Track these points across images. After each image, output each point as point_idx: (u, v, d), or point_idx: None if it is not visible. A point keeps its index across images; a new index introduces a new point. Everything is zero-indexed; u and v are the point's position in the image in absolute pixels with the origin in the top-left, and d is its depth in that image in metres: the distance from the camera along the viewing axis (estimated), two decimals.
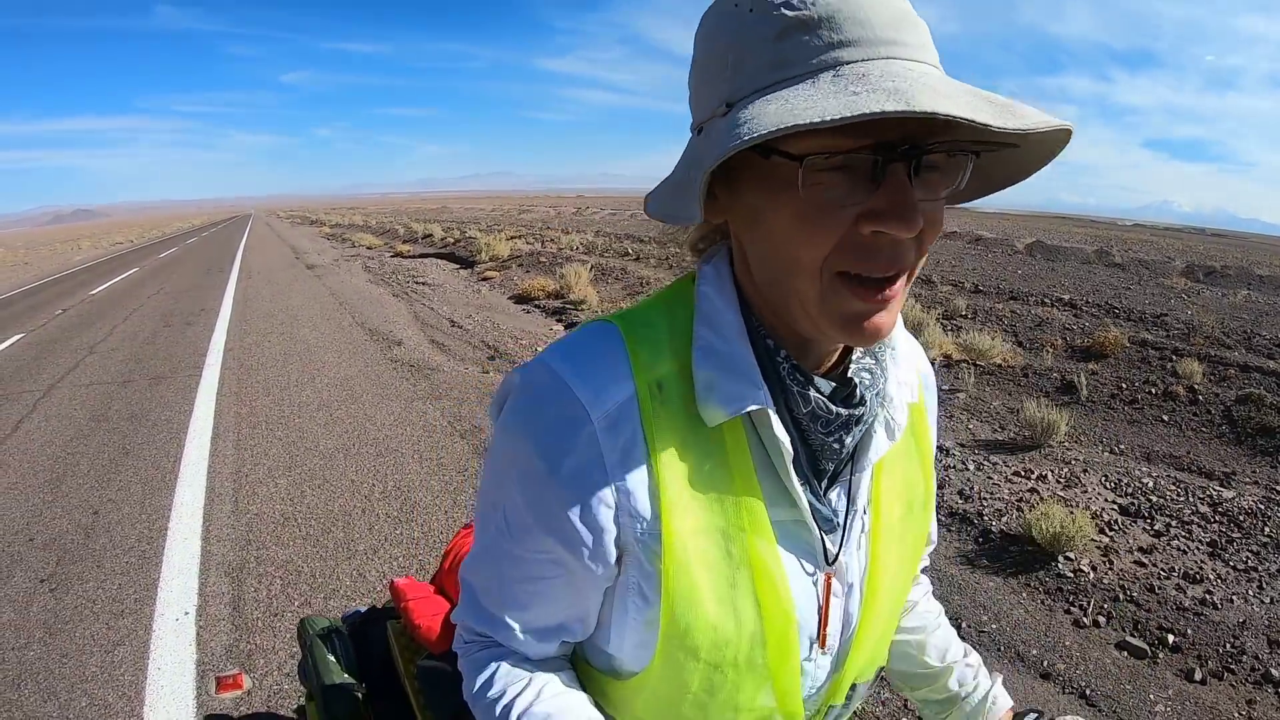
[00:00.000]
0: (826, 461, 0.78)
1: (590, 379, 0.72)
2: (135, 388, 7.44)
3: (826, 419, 0.75)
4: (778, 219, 0.65)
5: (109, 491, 4.82)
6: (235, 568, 3.79)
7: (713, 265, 0.78)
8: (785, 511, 0.76)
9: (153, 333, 10.55)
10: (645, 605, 0.76)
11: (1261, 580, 3.68)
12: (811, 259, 0.64)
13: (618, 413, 0.71)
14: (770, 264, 0.69)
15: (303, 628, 1.48)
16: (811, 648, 0.81)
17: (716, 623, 0.74)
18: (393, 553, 3.91)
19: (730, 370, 0.72)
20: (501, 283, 14.25)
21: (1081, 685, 3.02)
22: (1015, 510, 4.39)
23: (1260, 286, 15.33)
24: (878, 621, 0.86)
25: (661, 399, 0.73)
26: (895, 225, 0.61)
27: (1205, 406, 6.14)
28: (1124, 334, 7.91)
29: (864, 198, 0.62)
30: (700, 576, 0.73)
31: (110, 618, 3.42)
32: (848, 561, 0.82)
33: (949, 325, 8.98)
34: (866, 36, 0.60)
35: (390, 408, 6.42)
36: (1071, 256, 19.40)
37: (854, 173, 0.61)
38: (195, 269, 21.53)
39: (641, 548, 0.73)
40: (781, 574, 0.76)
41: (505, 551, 0.79)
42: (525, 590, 0.80)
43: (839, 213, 0.62)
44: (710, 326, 0.74)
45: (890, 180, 0.61)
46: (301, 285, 15.19)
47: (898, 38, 0.61)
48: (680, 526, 0.72)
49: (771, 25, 0.62)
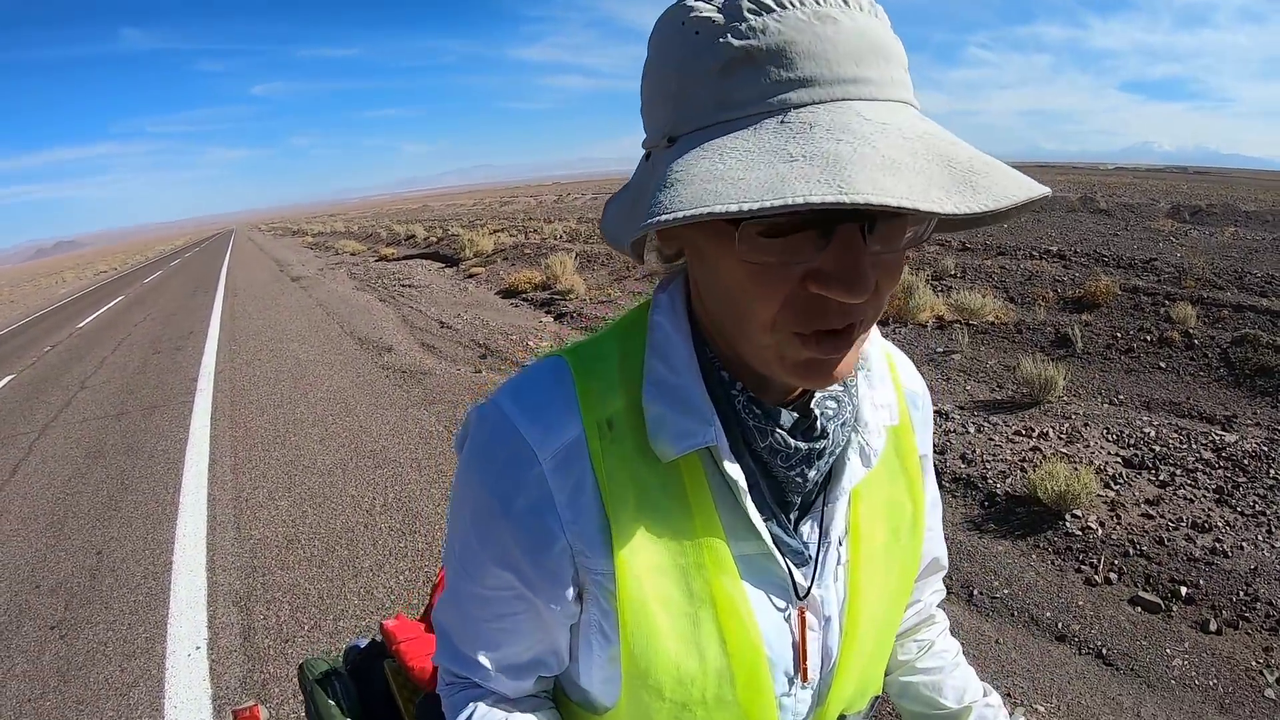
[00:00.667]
0: (793, 494, 0.75)
1: (537, 420, 0.71)
2: (129, 420, 7.41)
3: (786, 453, 0.72)
4: (723, 269, 0.61)
5: (111, 529, 4.79)
6: (243, 596, 3.77)
7: (668, 294, 0.76)
8: (750, 545, 0.74)
9: (143, 361, 10.50)
10: (607, 643, 0.75)
11: (1270, 525, 3.68)
12: (764, 314, 0.60)
13: (565, 453, 0.70)
14: (723, 308, 0.66)
15: (303, 672, 1.46)
16: (791, 683, 0.78)
17: (678, 661, 0.72)
18: (398, 567, 3.90)
19: (681, 405, 0.70)
20: (488, 278, 14.21)
21: (1097, 645, 3.02)
22: (1019, 471, 4.38)
23: (1246, 222, 15.35)
24: (861, 653, 0.83)
25: (612, 437, 0.71)
26: (841, 291, 0.56)
27: (1201, 350, 6.13)
28: (1115, 282, 7.89)
29: (812, 256, 0.57)
30: (658, 616, 0.72)
31: (122, 659, 3.39)
32: (822, 595, 0.79)
33: (939, 286, 8.96)
34: (822, 75, 0.54)
35: (385, 417, 6.40)
36: (1056, 206, 19.38)
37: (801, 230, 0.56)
38: (180, 291, 21.43)
39: (598, 587, 0.72)
40: (748, 610, 0.74)
41: (468, 592, 0.78)
42: (493, 629, 0.79)
43: (784, 271, 0.58)
44: (662, 358, 0.72)
45: (839, 239, 0.56)
46: (288, 298, 15.13)
47: (859, 74, 0.55)
48: (634, 565, 0.70)
49: (716, 56, 0.56)
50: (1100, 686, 2.81)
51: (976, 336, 7.22)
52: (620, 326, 0.79)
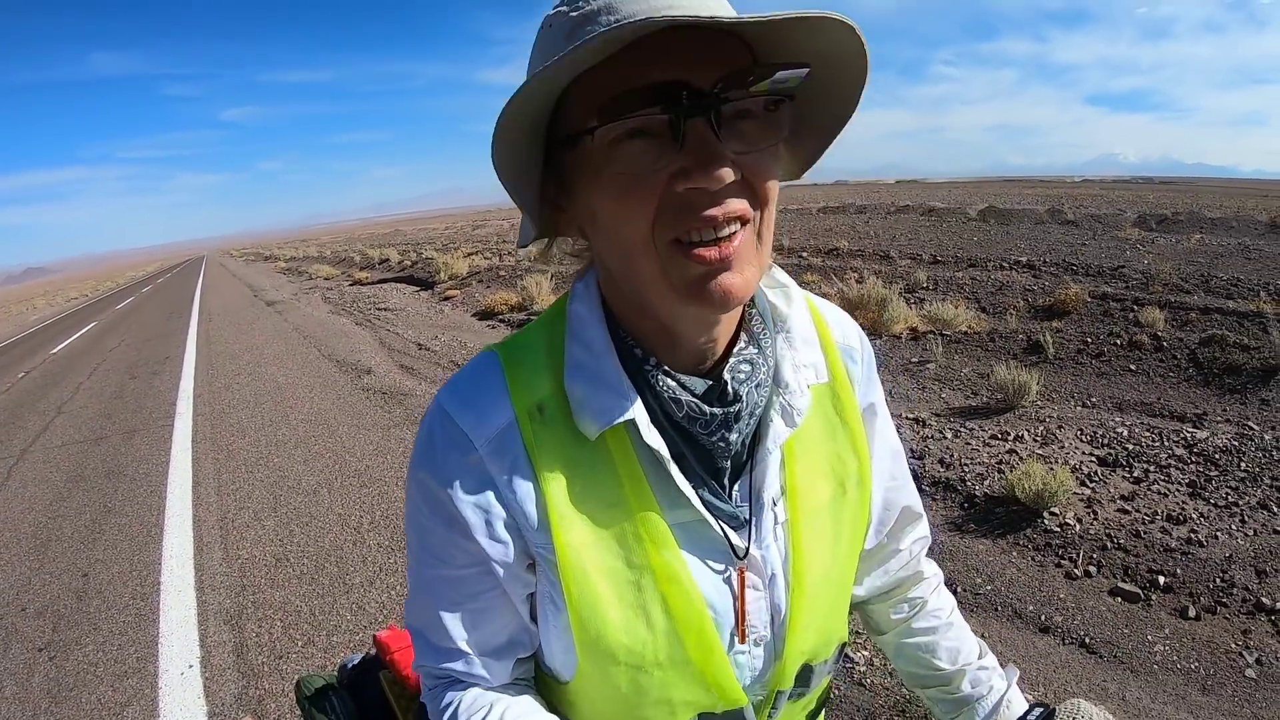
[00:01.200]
0: (720, 460, 0.79)
1: (471, 409, 0.77)
2: (109, 444, 7.35)
3: (705, 420, 0.76)
4: (602, 204, 0.67)
5: (96, 552, 4.76)
6: (234, 615, 3.76)
7: (583, 282, 0.81)
8: (684, 514, 0.78)
9: (120, 386, 10.41)
10: (558, 612, 0.79)
11: (1243, 514, 3.78)
12: (640, 231, 0.65)
13: (499, 438, 0.76)
14: (613, 252, 0.71)
15: (299, 689, 1.48)
16: (733, 641, 0.81)
17: (625, 627, 0.76)
18: (389, 582, 3.91)
19: (599, 383, 0.75)
20: (463, 300, 14.21)
21: (1080, 635, 3.09)
22: (996, 472, 4.47)
23: (1212, 229, 15.65)
24: (812, 608, 0.85)
25: (542, 420, 0.76)
26: (702, 177, 0.62)
27: (1171, 352, 6.27)
28: (1084, 289, 8.05)
29: (671, 159, 0.63)
30: (601, 585, 0.76)
31: (114, 679, 3.38)
32: (763, 554, 0.82)
33: (912, 298, 9.08)
34: (641, 8, 0.62)
35: (368, 437, 6.40)
36: (1025, 218, 19.67)
37: (656, 137, 0.63)
38: (155, 317, 21.25)
39: (543, 560, 0.78)
40: (688, 574, 0.77)
41: (438, 576, 0.82)
42: (468, 610, 0.82)
43: (650, 178, 0.64)
44: (580, 342, 0.78)
45: (691, 136, 0.62)
46: (264, 323, 15.05)
47: (674, 2, 0.62)
48: (572, 539, 0.75)
49: (564, 28, 0.66)
50: (1085, 674, 2.88)
51: (950, 346, 7.33)
52: (545, 317, 0.84)
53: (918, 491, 1.03)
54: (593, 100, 0.64)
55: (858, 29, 0.62)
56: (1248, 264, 10.43)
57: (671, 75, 0.61)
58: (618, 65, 0.61)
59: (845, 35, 0.63)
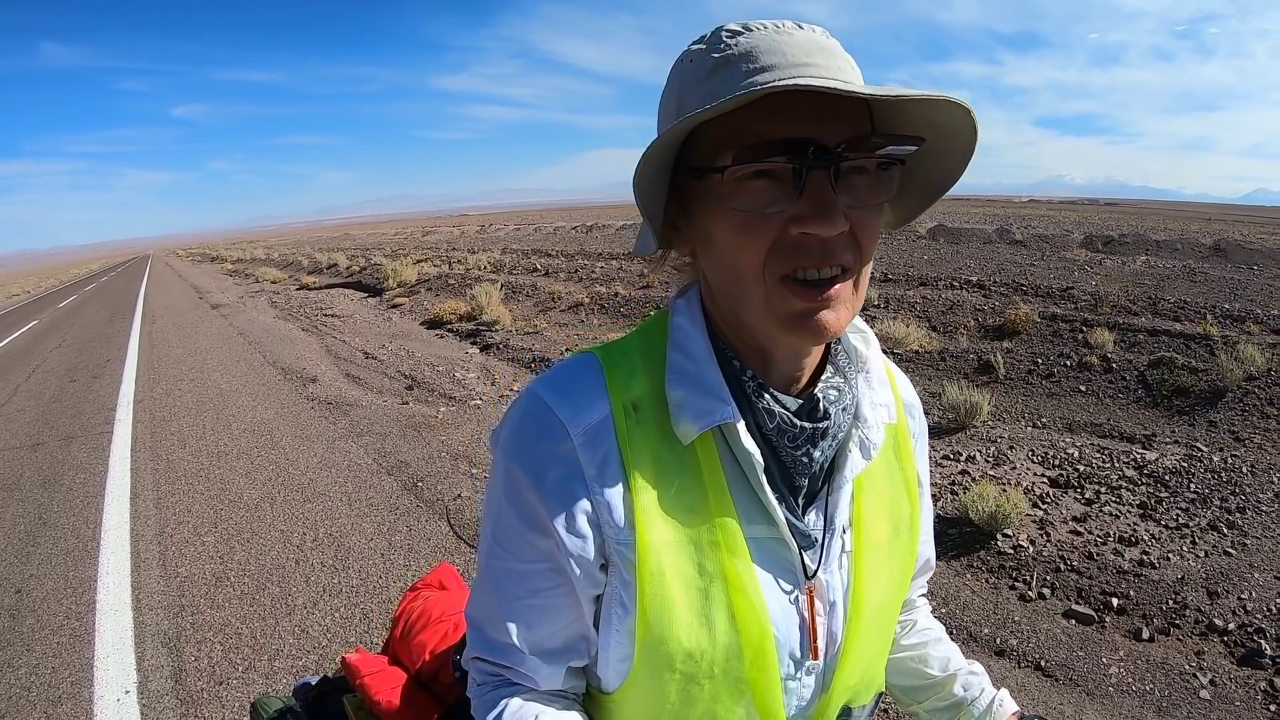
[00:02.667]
0: (800, 477, 0.82)
1: (569, 400, 0.79)
2: (46, 450, 7.07)
3: (793, 433, 0.80)
4: (720, 232, 0.73)
5: (30, 567, 4.55)
6: (172, 637, 3.61)
7: (685, 299, 0.86)
8: (761, 529, 0.80)
9: (59, 389, 10.06)
10: (625, 614, 0.79)
11: (1194, 535, 3.84)
12: (752, 263, 0.71)
13: (595, 430, 0.78)
14: (723, 277, 0.76)
15: (255, 711, 1.41)
16: (799, 665, 0.83)
17: (690, 632, 0.77)
18: (333, 604, 3.78)
19: (700, 388, 0.78)
20: (412, 308, 14.07)
21: (1035, 658, 3.10)
22: (949, 493, 4.50)
23: (1158, 251, 16.03)
24: (865, 641, 0.88)
25: (636, 419, 0.79)
26: (817, 225, 0.68)
27: (1120, 374, 6.38)
28: (1034, 310, 8.19)
29: (789, 204, 0.69)
30: (674, 587, 0.77)
31: (48, 705, 3.21)
32: (828, 579, 0.85)
33: (863, 316, 9.11)
34: (780, 62, 0.68)
35: (312, 449, 6.25)
36: (974, 237, 19.99)
37: (779, 182, 0.69)
38: (97, 317, 20.64)
39: (620, 558, 0.78)
40: (756, 589, 0.79)
41: (504, 569, 0.83)
42: (528, 606, 0.83)
43: (769, 218, 0.70)
44: (682, 351, 0.81)
45: (810, 186, 0.68)
46: (208, 326, 14.71)
47: (810, 61, 0.69)
48: (654, 538, 0.77)
49: (704, 67, 0.72)
50: (1042, 698, 2.88)
51: (902, 365, 7.35)
52: (641, 330, 0.88)
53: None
54: (726, 140, 0.70)
55: (973, 112, 0.70)
56: (1193, 286, 10.70)
57: (804, 132, 0.67)
58: (752, 111, 0.68)
59: (960, 113, 0.70)
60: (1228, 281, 11.22)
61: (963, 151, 0.76)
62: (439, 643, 1.32)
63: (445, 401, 7.42)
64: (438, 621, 1.37)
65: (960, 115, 0.70)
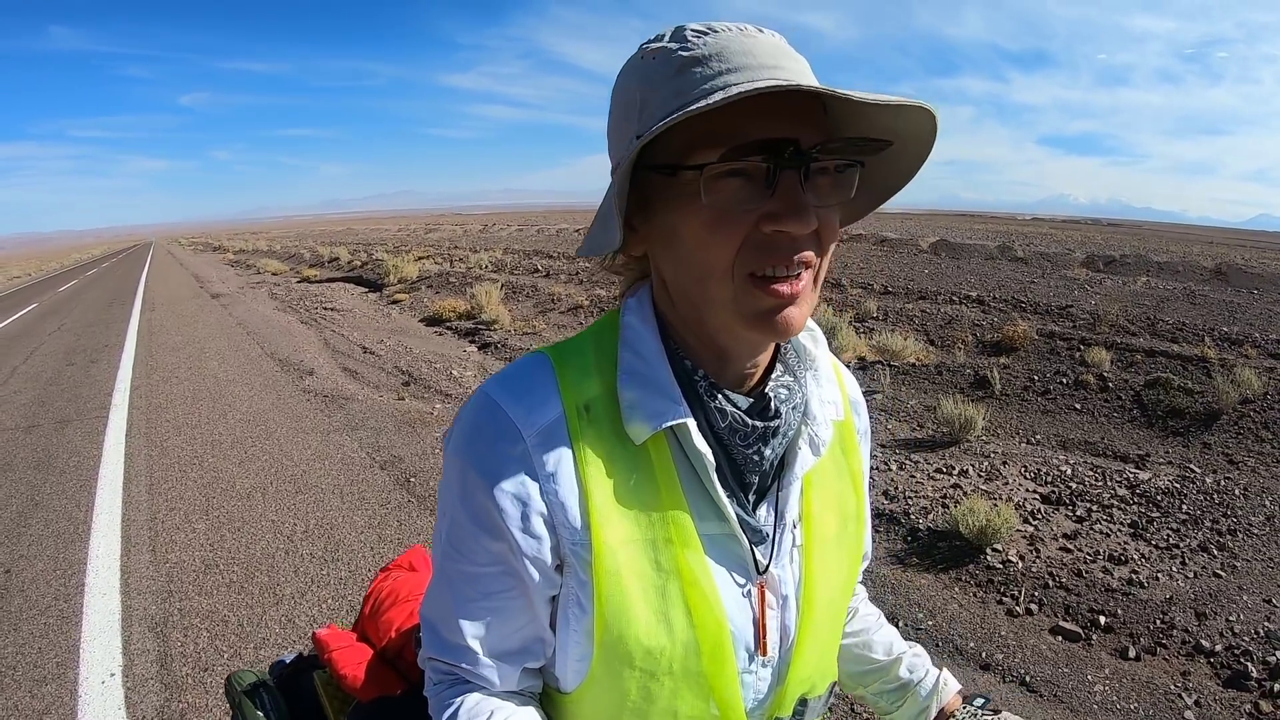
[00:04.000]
0: (750, 474, 0.83)
1: (521, 401, 0.79)
2: (41, 433, 7.08)
3: (744, 431, 0.81)
4: (689, 229, 0.73)
5: (20, 547, 4.55)
6: (159, 622, 3.61)
7: (636, 297, 0.85)
8: (713, 525, 0.81)
9: (56, 373, 10.07)
10: (583, 614, 0.80)
11: (1184, 556, 3.84)
12: (722, 261, 0.71)
13: (548, 431, 0.77)
14: (686, 275, 0.76)
15: (230, 684, 1.43)
16: (751, 658, 0.84)
17: (648, 630, 0.78)
18: (320, 595, 3.79)
19: (652, 389, 0.79)
20: (412, 305, 14.08)
21: (1021, 673, 3.10)
22: (940, 506, 4.50)
23: (1159, 272, 16.08)
24: (817, 633, 0.89)
25: (589, 419, 0.79)
26: (790, 223, 0.69)
27: (1115, 393, 6.39)
28: (1032, 327, 8.20)
29: (761, 202, 0.70)
30: (631, 585, 0.77)
31: (32, 685, 3.22)
32: (780, 574, 0.86)
33: (861, 328, 9.18)
34: (751, 64, 0.69)
35: (307, 441, 6.26)
36: (975, 253, 20.05)
37: (751, 180, 0.70)
38: (97, 302, 20.66)
39: (575, 558, 0.78)
40: (711, 584, 0.80)
41: (458, 571, 0.82)
42: (481, 609, 0.82)
43: (741, 216, 0.70)
44: (633, 351, 0.82)
45: (782, 185, 0.69)
46: (207, 315, 14.74)
47: (778, 63, 0.70)
48: (609, 537, 0.77)
49: (670, 64, 0.72)
50: (1025, 713, 2.88)
51: (898, 377, 7.40)
52: (593, 329, 0.88)
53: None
54: (699, 137, 0.70)
55: (938, 118, 0.72)
56: (1193, 309, 10.73)
57: (784, 132, 0.68)
58: (734, 110, 0.67)
59: (923, 118, 0.72)
60: (1227, 305, 11.26)
61: (917, 155, 0.78)
62: (405, 620, 1.33)
63: (441, 399, 7.43)
64: (405, 600, 1.39)
65: (923, 120, 0.72)
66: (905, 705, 1.10)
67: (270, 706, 1.39)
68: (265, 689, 1.42)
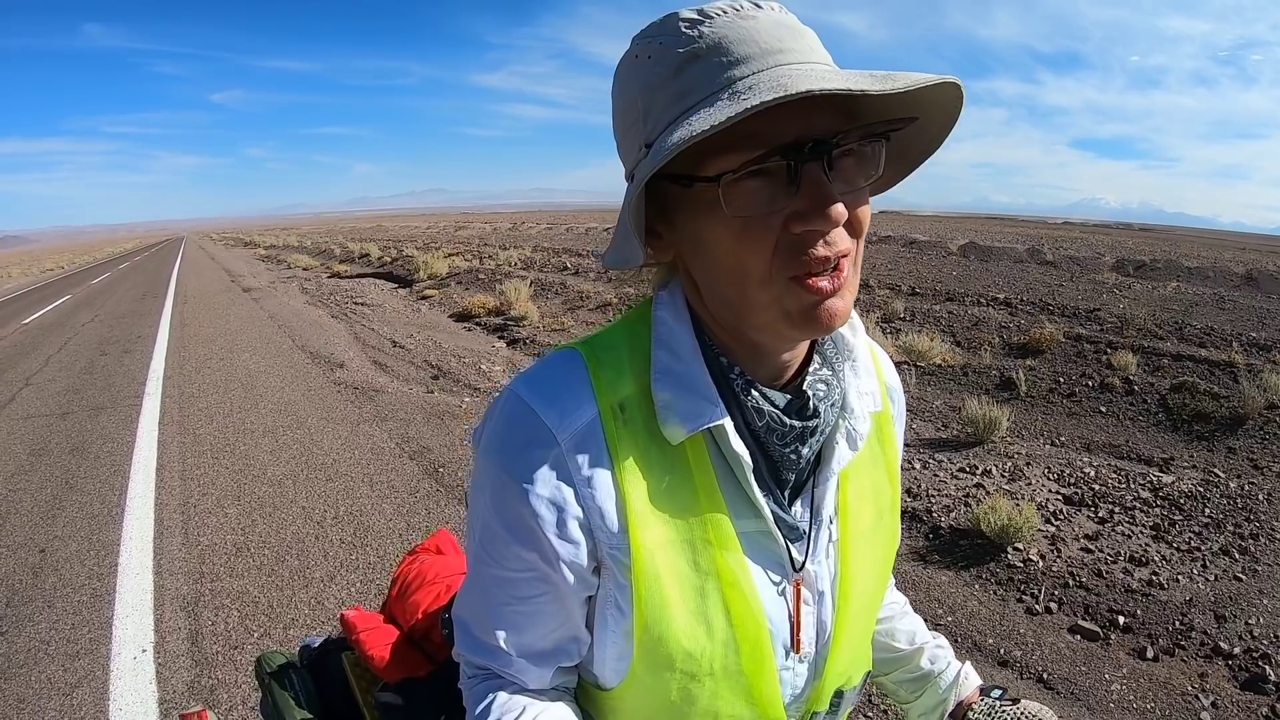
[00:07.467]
0: (787, 472, 0.81)
1: (555, 403, 0.76)
2: (75, 419, 7.24)
3: (782, 431, 0.78)
4: (716, 239, 0.70)
5: (55, 528, 4.67)
6: (190, 601, 3.71)
7: (668, 291, 0.82)
8: (750, 523, 0.79)
9: (90, 362, 10.27)
10: (621, 617, 0.78)
11: (1205, 559, 3.83)
12: (758, 267, 0.68)
13: (582, 433, 0.75)
14: (722, 282, 0.73)
15: (259, 665, 1.46)
16: (787, 655, 0.83)
17: (688, 632, 0.77)
18: (349, 579, 3.87)
19: (687, 389, 0.76)
20: (441, 301, 14.17)
21: (1039, 670, 3.11)
22: (963, 505, 4.50)
23: (1189, 278, 15.88)
24: (853, 627, 0.89)
25: (624, 419, 0.76)
26: (820, 221, 0.66)
27: (1141, 396, 6.35)
28: (1059, 330, 8.15)
29: (787, 201, 0.66)
30: (670, 587, 0.76)
31: (66, 659, 3.32)
32: (816, 570, 0.84)
33: (888, 328, 9.16)
34: (753, 52, 0.66)
35: (337, 431, 6.35)
36: (1004, 256, 19.88)
37: (773, 179, 0.66)
38: (130, 294, 20.97)
39: (613, 561, 0.76)
40: (750, 583, 0.79)
41: (491, 575, 0.81)
42: (515, 612, 0.82)
43: (768, 219, 0.67)
44: (667, 349, 0.79)
45: (806, 180, 0.66)
46: (239, 309, 14.91)
47: (783, 46, 0.67)
48: (647, 539, 0.75)
49: (669, 64, 0.68)
50: None
51: (924, 378, 7.38)
52: (626, 322, 0.85)
53: None
54: (711, 145, 0.65)
55: (963, 89, 0.69)
56: (1221, 314, 10.61)
57: (799, 128, 0.65)
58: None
59: (948, 88, 0.68)
60: (1257, 310, 11.12)
61: (945, 124, 0.75)
62: (431, 603, 1.34)
63: (470, 392, 7.51)
64: (431, 583, 1.40)
65: (948, 90, 0.69)
66: (924, 696, 1.09)
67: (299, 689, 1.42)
68: (294, 670, 1.45)
